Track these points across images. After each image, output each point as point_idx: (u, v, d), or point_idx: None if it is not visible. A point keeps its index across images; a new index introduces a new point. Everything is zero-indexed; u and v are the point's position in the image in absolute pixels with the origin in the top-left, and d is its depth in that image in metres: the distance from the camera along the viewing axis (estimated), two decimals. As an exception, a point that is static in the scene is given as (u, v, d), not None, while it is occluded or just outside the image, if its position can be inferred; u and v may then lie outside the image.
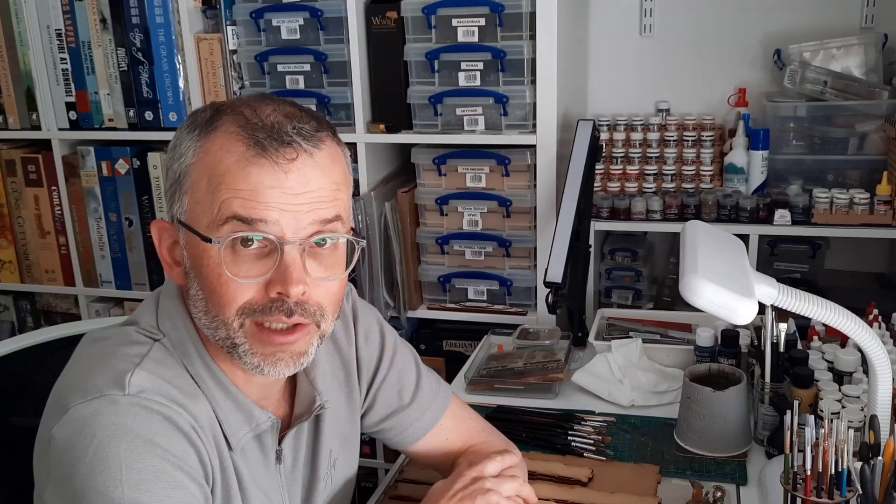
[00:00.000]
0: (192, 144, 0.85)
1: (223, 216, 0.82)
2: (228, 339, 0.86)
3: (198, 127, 0.86)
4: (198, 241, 0.84)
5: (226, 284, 0.83)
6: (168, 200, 0.88)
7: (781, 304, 1.09)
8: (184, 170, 0.85)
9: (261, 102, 0.87)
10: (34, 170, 2.35)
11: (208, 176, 0.83)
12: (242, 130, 0.83)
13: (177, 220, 0.87)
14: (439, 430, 1.16)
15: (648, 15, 2.25)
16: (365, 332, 1.12)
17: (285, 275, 0.83)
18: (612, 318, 1.87)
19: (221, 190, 0.82)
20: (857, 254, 2.18)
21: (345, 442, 1.09)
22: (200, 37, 2.10)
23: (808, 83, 2.01)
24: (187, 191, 0.85)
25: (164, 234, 0.90)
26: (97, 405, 0.81)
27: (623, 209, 2.03)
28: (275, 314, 0.84)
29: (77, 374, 0.87)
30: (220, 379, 0.90)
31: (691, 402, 1.35)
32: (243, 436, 0.92)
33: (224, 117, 0.85)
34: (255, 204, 0.82)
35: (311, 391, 1.00)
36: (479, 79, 1.95)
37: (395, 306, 2.12)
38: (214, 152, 0.83)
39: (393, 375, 1.13)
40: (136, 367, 0.84)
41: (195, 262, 0.86)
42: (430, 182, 2.07)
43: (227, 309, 0.84)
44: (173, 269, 0.90)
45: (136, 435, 0.80)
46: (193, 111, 0.91)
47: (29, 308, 2.53)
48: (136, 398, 0.82)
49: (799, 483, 1.02)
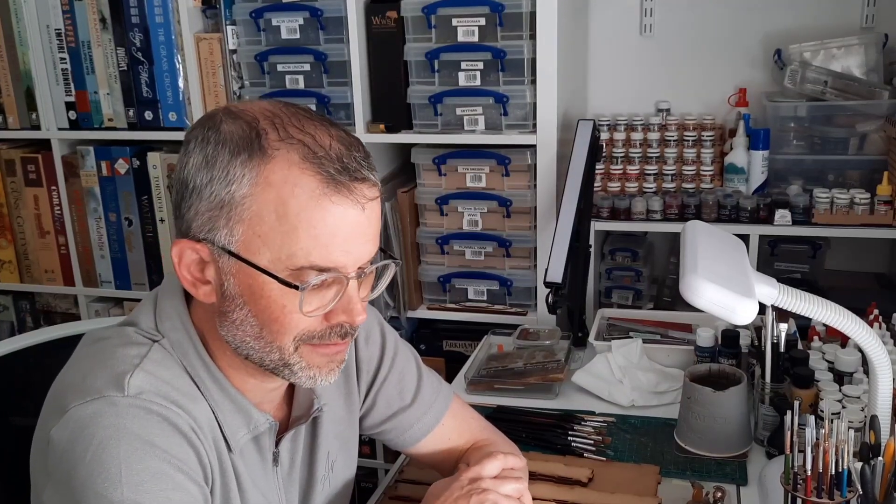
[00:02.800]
0: (244, 171, 0.80)
1: (297, 263, 0.81)
2: (281, 361, 0.86)
3: (244, 150, 0.81)
4: (253, 271, 0.82)
5: (289, 315, 0.83)
6: (194, 219, 0.83)
7: (782, 305, 1.09)
8: (235, 198, 0.80)
9: (305, 121, 0.84)
10: (34, 170, 2.35)
11: (276, 211, 0.80)
12: (308, 162, 0.80)
13: (219, 247, 0.82)
14: (441, 431, 1.16)
15: (648, 15, 2.25)
16: (365, 333, 1.11)
17: (349, 307, 0.85)
18: (612, 318, 1.87)
19: (299, 231, 0.80)
20: (857, 254, 2.17)
21: (344, 444, 1.09)
22: (200, 36, 2.10)
23: (809, 83, 2.01)
24: (243, 221, 0.81)
25: (186, 252, 0.85)
26: (96, 406, 0.81)
27: (623, 209, 2.03)
28: (333, 338, 0.87)
29: (76, 375, 0.86)
30: (219, 380, 0.90)
31: (691, 403, 1.35)
32: (241, 437, 0.92)
33: (275, 143, 0.81)
34: (333, 250, 0.81)
35: (310, 394, 1.00)
36: (479, 79, 1.95)
37: (394, 306, 2.12)
38: (279, 185, 0.79)
39: (394, 376, 1.13)
40: (135, 369, 0.84)
41: (248, 291, 0.83)
42: (430, 182, 2.07)
43: (286, 337, 0.85)
44: (199, 287, 0.86)
45: (135, 436, 0.79)
46: (211, 121, 0.84)
47: (28, 308, 2.53)
48: (135, 399, 0.81)
49: (799, 483, 1.02)
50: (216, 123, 0.84)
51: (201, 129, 0.84)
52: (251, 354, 0.87)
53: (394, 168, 2.25)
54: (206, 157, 0.82)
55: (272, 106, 0.85)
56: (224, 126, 0.83)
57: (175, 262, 0.86)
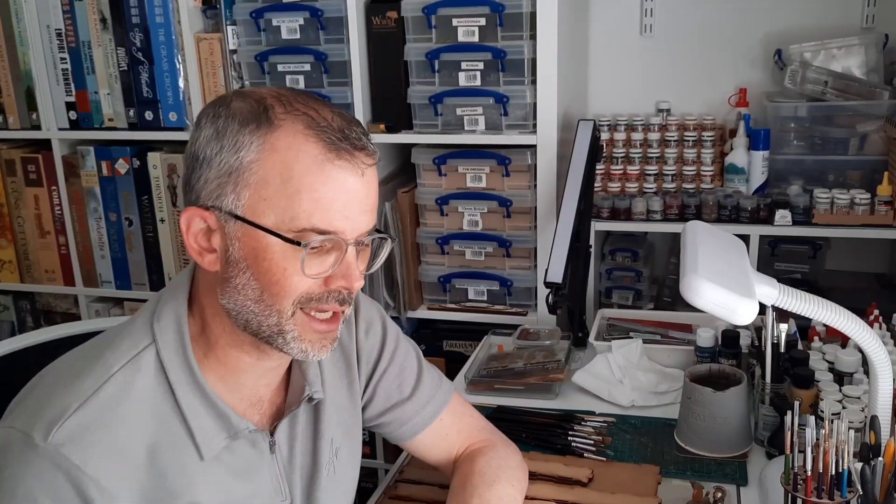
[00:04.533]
0: (252, 139, 0.84)
1: (299, 224, 0.84)
2: (277, 326, 0.88)
3: (252, 121, 0.85)
4: (258, 233, 0.85)
5: (290, 278, 0.86)
6: (203, 188, 0.87)
7: (782, 305, 1.09)
8: (243, 164, 0.84)
9: (309, 99, 0.88)
10: (34, 170, 2.35)
11: (281, 175, 0.84)
12: (311, 130, 0.85)
13: (226, 212, 0.86)
14: (439, 426, 1.17)
15: (649, 15, 2.25)
16: (366, 324, 1.13)
17: (348, 272, 0.88)
18: (612, 318, 1.87)
19: (302, 194, 0.84)
20: (857, 254, 2.17)
21: (347, 431, 1.09)
22: (200, 36, 2.10)
23: (809, 83, 2.01)
24: (249, 185, 0.84)
25: (195, 221, 0.88)
26: (14, 439, 0.83)
27: (623, 209, 2.03)
28: (330, 303, 0.89)
29: (44, 383, 0.90)
30: (200, 385, 0.91)
31: (692, 403, 1.35)
32: (218, 443, 0.92)
33: (281, 115, 0.85)
34: (334, 214, 0.85)
35: (302, 380, 1.01)
36: (480, 79, 1.95)
37: (395, 306, 2.12)
38: (284, 150, 0.84)
39: (393, 369, 1.14)
40: (77, 408, 0.84)
41: (251, 254, 0.86)
42: (430, 182, 2.07)
43: (286, 300, 0.87)
44: (204, 255, 0.89)
45: (24, 494, 0.81)
46: (222, 100, 0.89)
47: (29, 308, 2.53)
48: (52, 451, 0.82)
49: (799, 484, 1.02)
50: (227, 102, 0.88)
51: (213, 107, 0.89)
52: (250, 319, 0.88)
53: (394, 168, 2.25)
54: (216, 130, 0.86)
55: (279, 88, 0.91)
56: (234, 103, 0.87)
57: (183, 231, 0.89)
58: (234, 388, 0.94)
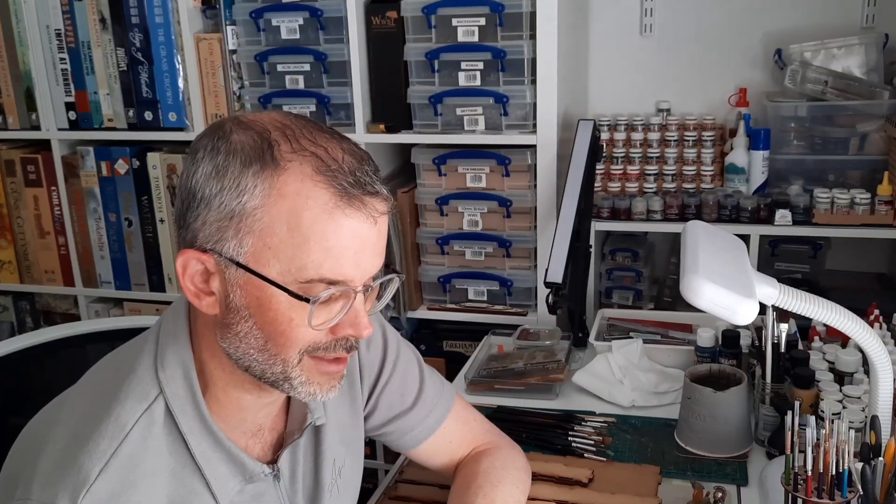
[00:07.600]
0: (256, 182, 0.78)
1: (307, 275, 0.79)
2: (283, 374, 0.85)
3: (255, 161, 0.79)
4: (262, 283, 0.80)
5: (296, 329, 0.82)
6: (200, 229, 0.81)
7: (782, 305, 1.09)
8: (246, 209, 0.79)
9: (317, 133, 0.82)
10: (34, 170, 2.35)
11: (288, 223, 0.78)
12: (321, 175, 0.79)
13: (227, 258, 0.80)
14: (443, 433, 1.15)
15: (649, 15, 2.25)
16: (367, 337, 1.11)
17: (357, 320, 0.84)
18: (612, 318, 1.87)
19: (310, 244, 0.79)
20: (857, 254, 2.17)
21: (350, 448, 1.08)
22: (200, 37, 2.10)
23: (809, 83, 2.01)
24: (253, 232, 0.79)
25: (192, 263, 0.83)
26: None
27: (624, 209, 2.03)
28: (337, 351, 0.86)
29: (52, 446, 0.83)
30: (214, 433, 0.88)
31: (692, 403, 1.35)
32: (233, 487, 0.90)
33: (288, 154, 0.79)
34: (344, 263, 0.80)
35: (303, 408, 0.99)
36: (480, 79, 1.95)
37: (394, 307, 2.12)
38: (292, 197, 0.78)
39: (396, 380, 1.12)
40: (100, 472, 0.80)
41: (255, 303, 0.81)
42: (430, 182, 2.07)
43: (292, 349, 0.83)
44: (202, 298, 0.84)
45: None
46: (220, 130, 0.82)
47: (28, 308, 2.53)
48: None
49: (800, 484, 1.02)
50: (226, 133, 0.82)
51: (210, 138, 0.82)
52: (252, 366, 0.85)
53: (394, 168, 2.25)
54: (216, 167, 0.80)
55: (282, 117, 0.84)
56: (234, 136, 0.81)
57: (179, 273, 0.84)
58: (235, 424, 0.92)
